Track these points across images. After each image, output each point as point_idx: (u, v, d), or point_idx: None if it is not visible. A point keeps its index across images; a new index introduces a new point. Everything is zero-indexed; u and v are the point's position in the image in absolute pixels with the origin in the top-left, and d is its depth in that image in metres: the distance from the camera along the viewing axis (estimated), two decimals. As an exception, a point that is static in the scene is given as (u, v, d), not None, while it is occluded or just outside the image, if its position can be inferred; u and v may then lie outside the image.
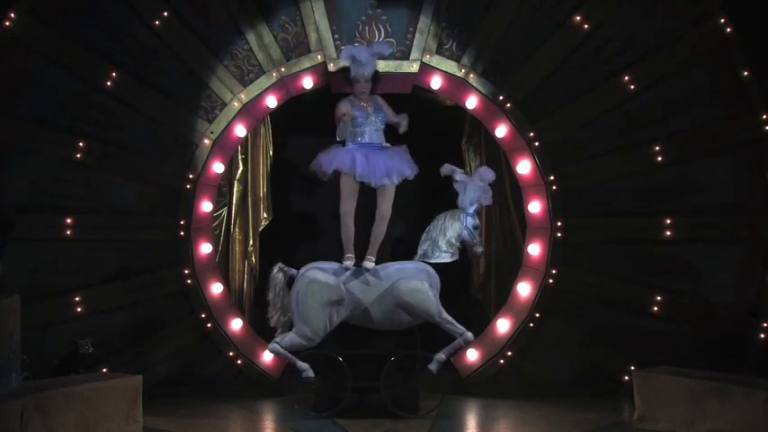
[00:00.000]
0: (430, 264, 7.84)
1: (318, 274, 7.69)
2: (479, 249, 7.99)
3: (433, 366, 7.69)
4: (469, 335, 7.71)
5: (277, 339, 7.68)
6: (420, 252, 7.92)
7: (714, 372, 7.44)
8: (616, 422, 7.60)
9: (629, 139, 8.77)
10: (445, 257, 7.86)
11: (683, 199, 8.73)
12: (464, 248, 7.94)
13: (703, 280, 8.71)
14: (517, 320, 8.80)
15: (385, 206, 7.87)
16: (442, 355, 7.70)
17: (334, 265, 7.81)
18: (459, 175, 7.98)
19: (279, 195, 9.67)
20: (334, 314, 7.64)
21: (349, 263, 7.79)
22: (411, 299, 7.65)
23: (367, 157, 7.78)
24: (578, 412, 7.85)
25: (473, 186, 7.93)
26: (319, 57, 8.75)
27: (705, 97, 8.71)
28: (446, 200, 8.08)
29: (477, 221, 7.98)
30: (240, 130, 8.92)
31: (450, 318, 7.73)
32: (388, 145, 7.92)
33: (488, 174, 8.04)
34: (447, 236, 7.84)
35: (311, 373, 7.65)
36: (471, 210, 7.92)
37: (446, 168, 7.99)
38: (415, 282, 7.68)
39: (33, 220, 8.46)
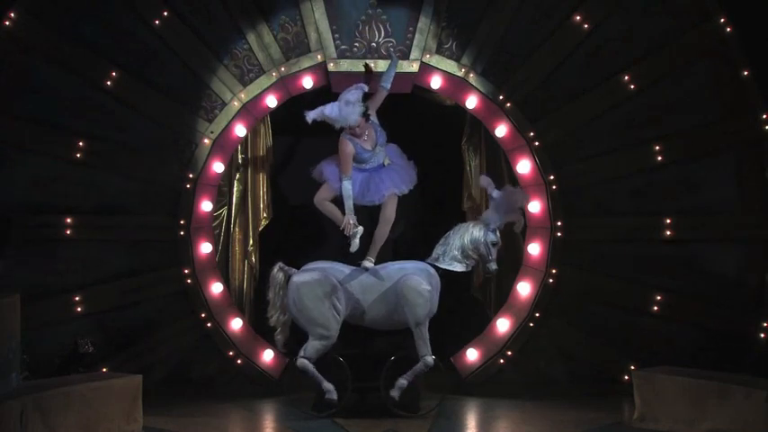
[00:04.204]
0: (439, 268, 7.79)
1: (301, 276, 7.69)
2: (493, 266, 7.78)
3: (395, 393, 7.62)
4: (430, 359, 7.63)
5: (302, 354, 7.61)
6: (433, 255, 7.85)
7: (714, 371, 7.44)
8: (616, 422, 7.59)
9: (629, 139, 8.76)
10: (457, 266, 7.79)
11: (683, 199, 8.73)
12: (478, 262, 7.86)
13: (703, 279, 8.71)
14: (517, 320, 8.80)
15: (389, 210, 7.83)
16: (403, 381, 7.63)
17: (325, 264, 7.79)
18: (495, 192, 7.82)
19: (279, 195, 9.68)
20: (336, 302, 7.62)
21: (355, 226, 7.70)
22: (410, 295, 7.61)
23: (369, 178, 7.74)
24: (578, 412, 7.84)
25: (507, 208, 7.77)
26: (319, 56, 8.75)
27: (705, 97, 8.71)
28: (446, 199, 8.08)
29: (498, 239, 7.79)
30: (240, 130, 8.92)
31: (426, 335, 7.68)
32: (389, 160, 7.86)
33: (525, 199, 7.98)
34: (464, 244, 7.74)
35: (334, 396, 7.60)
36: (494, 226, 7.79)
37: (484, 181, 7.92)
38: (425, 285, 7.65)
39: (33, 220, 8.47)
